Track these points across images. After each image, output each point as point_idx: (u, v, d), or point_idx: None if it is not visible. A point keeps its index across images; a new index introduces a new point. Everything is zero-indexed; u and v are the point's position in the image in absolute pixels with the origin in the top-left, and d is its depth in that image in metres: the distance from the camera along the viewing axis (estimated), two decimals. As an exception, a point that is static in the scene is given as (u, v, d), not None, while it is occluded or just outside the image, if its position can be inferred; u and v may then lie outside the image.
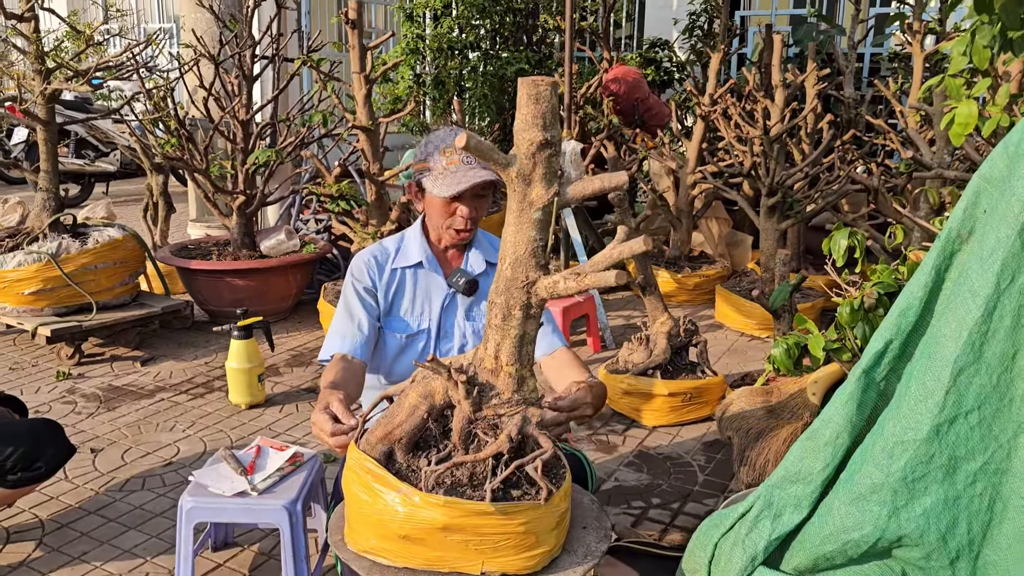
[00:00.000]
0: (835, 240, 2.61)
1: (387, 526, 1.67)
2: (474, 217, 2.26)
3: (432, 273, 2.32)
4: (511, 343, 1.74)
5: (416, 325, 2.32)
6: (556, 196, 1.64)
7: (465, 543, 1.65)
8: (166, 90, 5.01)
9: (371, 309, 2.30)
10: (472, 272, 2.30)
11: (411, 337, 2.33)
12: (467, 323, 2.33)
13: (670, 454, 3.49)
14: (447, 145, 2.21)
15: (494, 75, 7.83)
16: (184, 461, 3.38)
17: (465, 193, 2.20)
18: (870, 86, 7.58)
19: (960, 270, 1.67)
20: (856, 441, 1.79)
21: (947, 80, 2.32)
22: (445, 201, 2.23)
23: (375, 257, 2.35)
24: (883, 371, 1.78)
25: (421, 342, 2.33)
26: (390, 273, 2.33)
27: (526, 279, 1.68)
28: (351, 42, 4.46)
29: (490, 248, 2.39)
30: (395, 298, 2.33)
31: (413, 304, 2.33)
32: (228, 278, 4.91)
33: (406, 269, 2.33)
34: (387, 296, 2.33)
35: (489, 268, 2.34)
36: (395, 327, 2.32)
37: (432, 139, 2.25)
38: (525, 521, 1.66)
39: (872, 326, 2.29)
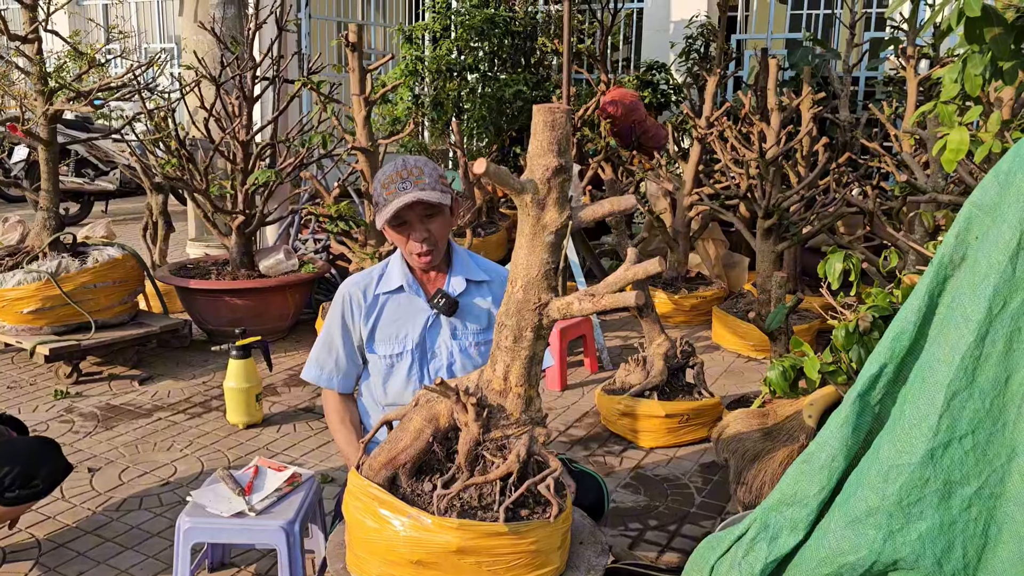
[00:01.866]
0: (830, 263, 2.63)
1: (396, 552, 1.68)
2: (428, 239, 2.27)
3: (414, 296, 2.37)
4: (521, 364, 1.76)
5: (400, 347, 2.37)
6: (569, 220, 1.68)
7: (478, 565, 1.66)
8: (167, 110, 5.05)
9: (349, 342, 2.39)
10: (453, 292, 2.35)
11: (395, 357, 2.37)
12: (453, 342, 2.37)
13: (667, 476, 3.50)
14: (386, 176, 2.25)
15: (492, 97, 7.89)
16: (181, 481, 3.37)
17: (404, 216, 2.23)
18: (865, 109, 7.65)
19: (953, 295, 1.70)
20: (851, 464, 1.81)
21: (939, 107, 2.36)
22: (393, 229, 2.28)
23: (359, 285, 2.41)
24: (878, 394, 1.79)
25: (406, 362, 2.37)
26: (373, 299, 2.39)
27: (538, 301, 1.71)
28: (351, 64, 4.51)
29: (471, 266, 2.41)
30: (377, 322, 2.38)
31: (396, 327, 2.37)
32: (227, 297, 4.93)
33: (389, 294, 2.38)
34: (368, 321, 2.38)
35: (470, 286, 2.37)
36: (378, 350, 2.38)
37: (378, 176, 2.30)
38: (535, 540, 1.69)
39: (867, 349, 2.31)
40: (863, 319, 2.31)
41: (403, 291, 2.37)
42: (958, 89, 2.29)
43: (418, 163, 2.24)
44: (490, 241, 6.24)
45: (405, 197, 2.18)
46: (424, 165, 2.24)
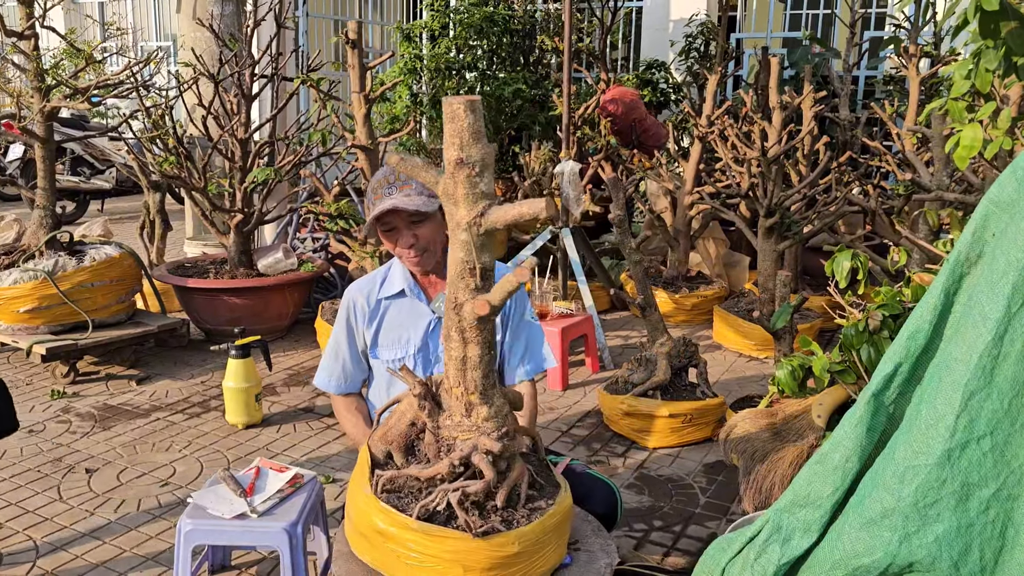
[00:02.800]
0: (838, 261, 2.61)
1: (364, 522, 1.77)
2: (415, 244, 2.25)
3: (415, 300, 2.37)
4: (454, 366, 1.74)
5: (403, 352, 2.37)
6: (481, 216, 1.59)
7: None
8: (165, 108, 5.01)
9: (354, 347, 2.42)
10: None
11: (397, 362, 2.37)
12: None
13: (671, 476, 3.47)
14: (376, 180, 2.25)
15: (491, 95, 7.86)
16: (181, 482, 3.34)
17: (390, 222, 2.22)
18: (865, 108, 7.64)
19: (970, 293, 1.67)
20: (866, 465, 1.78)
21: (949, 103, 2.33)
22: (382, 234, 2.28)
23: (362, 290, 2.41)
24: (892, 394, 1.77)
25: (409, 366, 2.32)
26: (376, 304, 2.39)
27: (454, 301, 1.67)
28: (351, 62, 4.47)
29: None
30: (380, 327, 2.39)
31: (399, 331, 2.38)
32: (225, 296, 4.89)
33: (391, 299, 2.38)
34: (372, 326, 2.39)
35: None
36: (382, 355, 2.39)
37: (372, 178, 2.29)
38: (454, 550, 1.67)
39: (877, 348, 2.29)
40: (872, 318, 2.29)
41: (405, 295, 2.37)
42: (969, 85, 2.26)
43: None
44: (490, 240, 6.21)
45: (385, 203, 2.18)
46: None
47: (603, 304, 5.83)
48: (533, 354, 2.41)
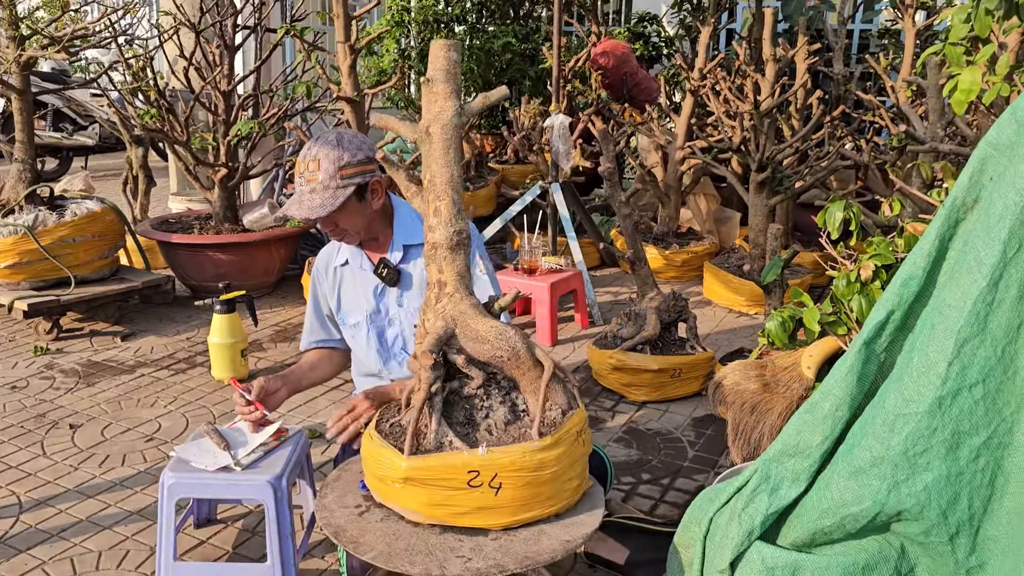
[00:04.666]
0: (830, 212, 2.57)
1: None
2: (335, 230, 2.27)
3: (361, 268, 2.41)
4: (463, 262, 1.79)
5: (358, 317, 2.44)
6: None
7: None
8: (145, 60, 4.89)
9: (319, 310, 2.52)
10: (394, 261, 2.35)
11: (355, 327, 2.45)
12: (399, 309, 2.40)
13: (660, 430, 3.46)
14: (297, 164, 2.23)
15: (480, 49, 7.72)
16: (166, 437, 3.31)
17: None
18: (859, 63, 7.54)
19: (965, 239, 1.63)
20: (856, 414, 1.76)
21: (947, 48, 2.27)
22: None
23: (323, 260, 2.51)
24: (884, 342, 1.74)
25: (363, 331, 2.44)
26: (334, 272, 2.46)
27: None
28: (335, 11, 4.36)
29: (412, 228, 2.36)
30: (340, 293, 2.47)
31: (354, 297, 2.44)
32: (210, 252, 4.82)
33: (342, 267, 2.44)
34: (335, 293, 2.48)
35: (409, 251, 2.36)
36: (343, 319, 2.48)
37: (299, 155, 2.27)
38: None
39: (869, 299, 2.26)
40: (864, 268, 2.25)
41: (348, 264, 2.42)
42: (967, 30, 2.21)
43: (323, 150, 2.17)
44: (479, 195, 6.14)
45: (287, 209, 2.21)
46: (327, 155, 2.16)
47: (593, 260, 5.79)
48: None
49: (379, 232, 2.35)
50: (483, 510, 1.67)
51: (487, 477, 1.65)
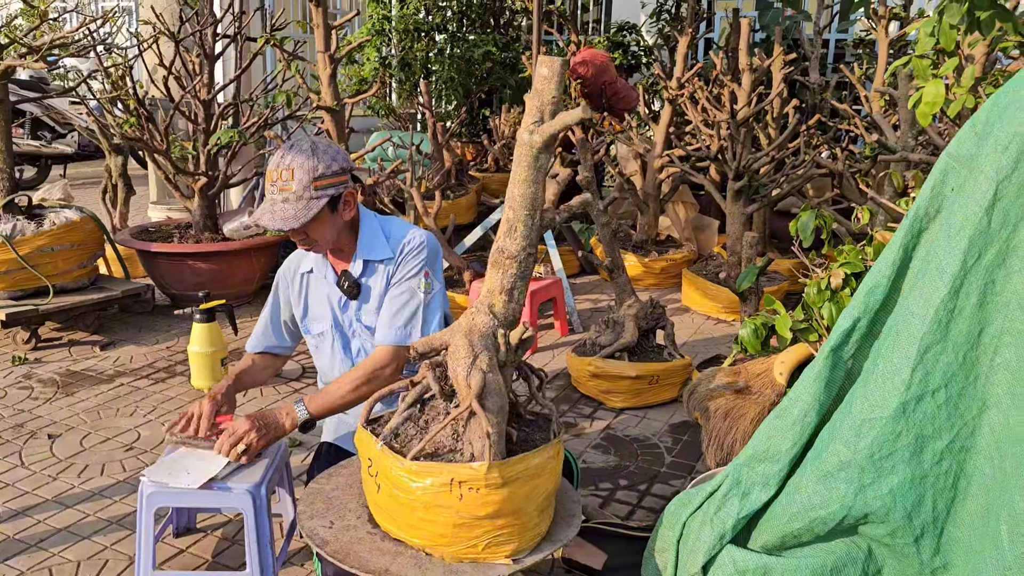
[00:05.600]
0: (802, 221, 2.62)
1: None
2: (304, 239, 2.26)
3: (324, 278, 2.41)
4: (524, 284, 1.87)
5: (322, 327, 2.45)
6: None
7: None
8: (124, 68, 4.88)
9: (277, 315, 2.51)
10: (355, 274, 2.36)
11: (319, 337, 2.46)
12: (357, 323, 2.42)
13: (637, 436, 3.50)
14: (270, 164, 2.22)
15: (460, 58, 7.77)
16: (145, 446, 3.31)
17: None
18: (835, 72, 7.65)
19: (927, 248, 1.68)
20: (824, 419, 1.80)
21: (914, 61, 2.33)
22: None
23: (290, 266, 2.49)
24: (851, 349, 1.78)
25: (328, 341, 2.45)
26: (300, 278, 2.46)
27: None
28: (315, 20, 4.38)
29: (375, 243, 2.36)
30: (306, 301, 2.46)
31: (319, 307, 2.44)
32: (190, 261, 4.82)
33: (307, 274, 2.45)
34: (300, 300, 2.46)
35: (369, 266, 2.36)
36: (308, 328, 2.48)
37: (270, 161, 2.26)
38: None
39: (839, 306, 2.31)
40: (835, 276, 2.30)
41: (313, 272, 2.43)
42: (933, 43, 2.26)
43: (298, 159, 2.16)
44: (459, 204, 6.16)
45: (258, 216, 2.19)
46: (301, 164, 2.15)
47: (572, 268, 5.83)
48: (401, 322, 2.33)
49: (345, 243, 2.35)
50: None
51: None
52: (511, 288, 1.82)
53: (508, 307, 1.82)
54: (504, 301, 1.82)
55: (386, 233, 2.41)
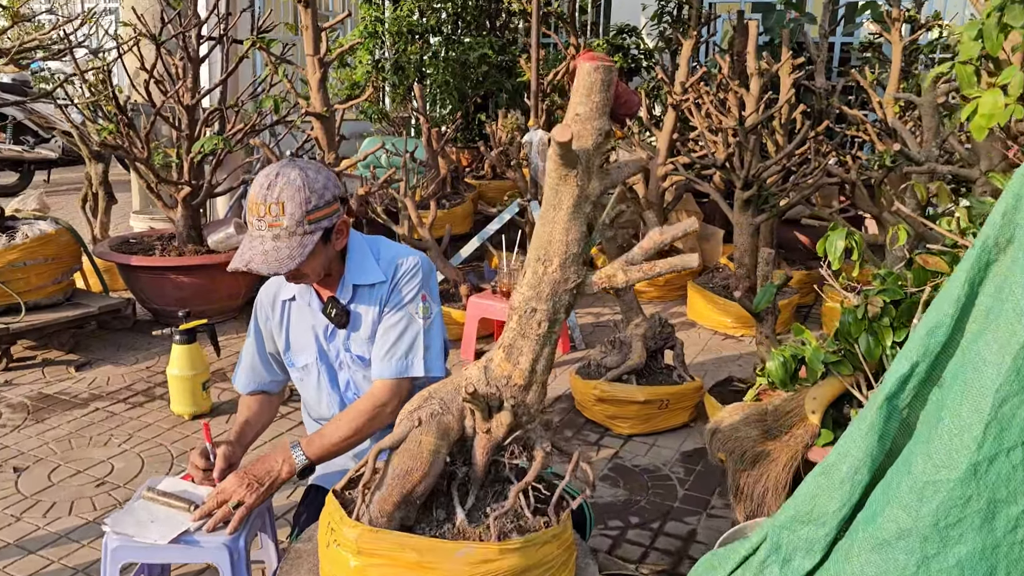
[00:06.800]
0: (831, 240, 2.40)
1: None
2: (295, 275, 2.02)
3: (309, 306, 2.19)
4: (550, 351, 1.65)
5: (307, 359, 2.24)
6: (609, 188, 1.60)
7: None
8: (104, 72, 4.64)
9: (263, 348, 2.28)
10: (343, 301, 2.14)
11: (304, 370, 2.24)
12: (346, 353, 2.21)
13: (647, 466, 3.28)
14: (252, 194, 1.95)
15: (456, 61, 7.55)
16: (118, 480, 3.07)
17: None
18: (840, 75, 7.45)
19: (998, 283, 1.46)
20: (876, 476, 1.58)
21: (957, 68, 2.12)
22: None
23: (268, 292, 2.26)
24: (907, 397, 1.57)
25: (314, 373, 2.25)
26: (281, 307, 2.23)
27: (577, 277, 1.59)
28: (304, 22, 4.16)
29: (366, 266, 2.14)
30: (287, 331, 2.25)
31: (303, 337, 2.23)
32: (172, 275, 4.58)
33: (290, 302, 2.22)
34: (282, 330, 2.25)
35: (360, 291, 2.14)
36: (292, 361, 2.27)
37: (252, 184, 1.99)
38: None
39: (877, 337, 2.09)
40: (872, 304, 2.08)
41: (296, 300, 2.21)
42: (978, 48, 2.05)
43: (287, 191, 1.90)
44: (455, 213, 5.94)
45: (244, 257, 1.93)
46: (292, 197, 1.90)
47: (573, 279, 5.61)
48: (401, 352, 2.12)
49: (332, 268, 2.13)
50: None
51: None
52: (509, 345, 1.61)
53: (505, 367, 1.61)
54: (501, 359, 1.62)
55: (376, 254, 2.20)
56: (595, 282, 1.58)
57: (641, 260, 1.59)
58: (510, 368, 1.63)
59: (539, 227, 1.59)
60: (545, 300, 1.58)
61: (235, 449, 2.19)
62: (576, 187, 1.53)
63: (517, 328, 1.61)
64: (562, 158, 1.50)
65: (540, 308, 1.58)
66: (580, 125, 1.52)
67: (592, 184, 1.55)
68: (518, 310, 1.61)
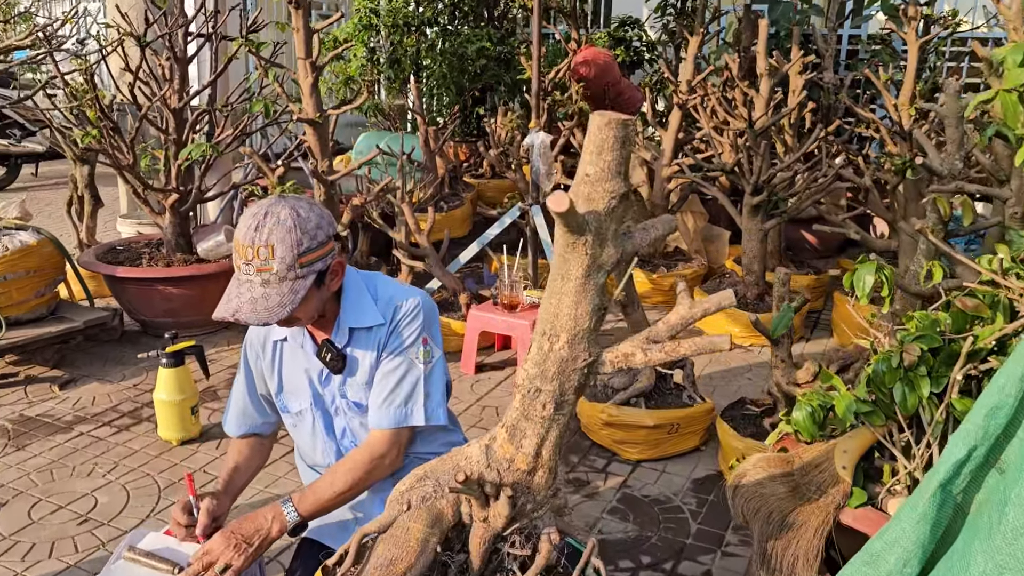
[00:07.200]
0: (859, 275, 2.24)
1: None
2: (287, 320, 1.85)
3: (302, 348, 2.04)
4: (558, 434, 1.49)
5: (300, 404, 2.09)
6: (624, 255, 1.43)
7: None
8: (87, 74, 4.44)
9: (254, 390, 2.15)
10: (339, 345, 2.00)
11: (298, 416, 2.11)
12: (342, 400, 2.06)
13: (658, 497, 3.13)
14: (238, 234, 1.78)
15: (453, 53, 7.34)
16: (102, 517, 2.92)
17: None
18: (847, 69, 7.26)
19: (1069, 362, 1.31)
20: (926, 568, 1.44)
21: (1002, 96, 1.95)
22: None
23: (258, 331, 2.10)
24: (963, 482, 1.42)
25: (308, 420, 2.10)
26: (272, 347, 2.08)
27: (588, 356, 1.43)
28: (295, 23, 3.97)
29: (363, 307, 1.98)
30: (279, 373, 2.10)
31: (295, 379, 2.09)
32: (160, 286, 4.41)
33: (281, 342, 2.07)
34: (273, 371, 2.10)
35: (356, 334, 1.99)
36: (290, 406, 2.12)
37: (238, 224, 1.81)
38: None
39: (913, 387, 1.93)
40: (908, 352, 1.93)
41: (288, 341, 2.05)
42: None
43: (277, 232, 1.74)
44: (454, 216, 5.77)
45: (231, 305, 1.77)
46: (282, 239, 1.74)
47: (575, 284, 5.45)
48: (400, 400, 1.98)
49: (327, 309, 1.97)
50: None
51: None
52: (513, 426, 1.46)
53: (507, 449, 1.47)
54: (504, 440, 1.47)
55: (373, 293, 2.04)
56: (609, 362, 1.43)
57: (666, 337, 1.43)
58: (513, 451, 1.48)
59: (546, 298, 1.44)
60: (551, 380, 1.43)
61: (222, 500, 2.05)
62: (586, 255, 1.36)
63: (521, 408, 1.46)
64: (566, 225, 1.34)
65: (545, 388, 1.43)
66: (590, 187, 1.35)
67: (606, 251, 1.38)
68: (522, 388, 1.46)
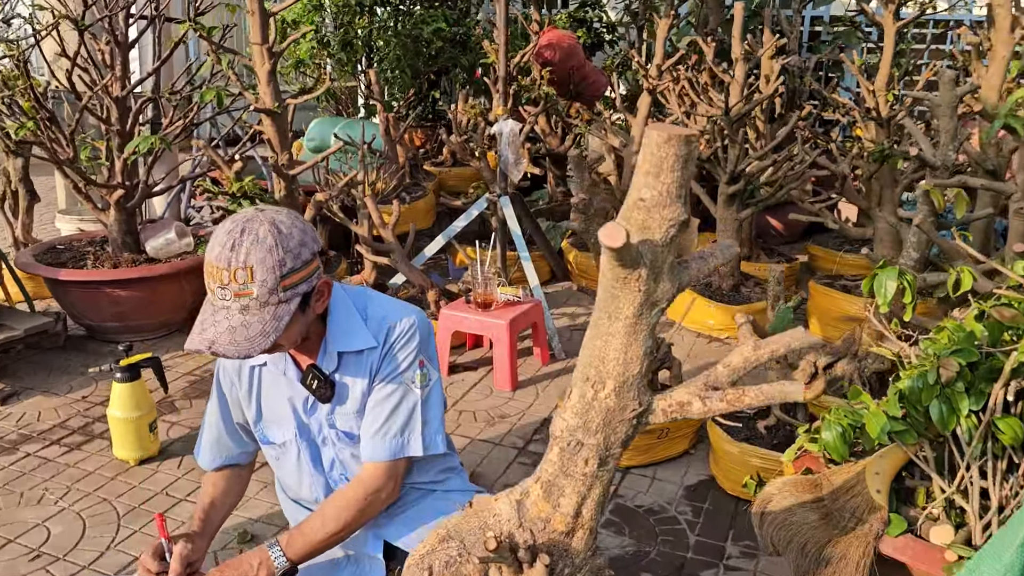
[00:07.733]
0: (880, 280, 2.11)
1: None
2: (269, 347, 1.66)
3: (284, 375, 1.86)
4: (601, 492, 1.36)
5: (284, 435, 1.91)
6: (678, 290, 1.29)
7: None
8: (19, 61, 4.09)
9: (229, 419, 1.97)
10: (326, 371, 1.82)
11: (281, 448, 1.94)
12: (330, 430, 1.89)
13: (652, 506, 3.00)
14: (212, 255, 1.57)
15: (407, 35, 7.07)
16: (56, 551, 2.67)
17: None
18: (810, 52, 7.20)
19: None
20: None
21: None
22: None
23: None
24: (1049, 530, 1.29)
25: (293, 451, 1.92)
26: (249, 374, 1.89)
27: (638, 406, 1.29)
28: (249, 7, 3.69)
29: (352, 330, 1.81)
30: (258, 401, 1.91)
31: (274, 410, 1.90)
32: (108, 289, 4.11)
33: (260, 367, 1.88)
34: (251, 399, 1.91)
35: (345, 359, 1.82)
36: (265, 436, 1.94)
37: (212, 236, 1.61)
38: None
39: (950, 404, 1.82)
40: (945, 367, 1.80)
41: (267, 367, 1.86)
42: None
43: (256, 252, 1.55)
44: (417, 208, 5.53)
45: (207, 336, 1.57)
46: (263, 260, 1.55)
47: (544, 275, 5.31)
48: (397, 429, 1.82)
49: (312, 331, 1.78)
50: None
51: None
52: (549, 482, 1.29)
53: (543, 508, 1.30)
54: (538, 496, 1.30)
55: (362, 313, 1.84)
56: (662, 411, 1.26)
57: (727, 383, 1.26)
58: (549, 510, 1.32)
59: (589, 339, 1.27)
60: (595, 432, 1.27)
61: (197, 543, 1.84)
62: (639, 292, 1.20)
63: (559, 463, 1.30)
64: (618, 260, 1.17)
65: (588, 442, 1.27)
66: (646, 214, 1.18)
67: (661, 287, 1.22)
68: (560, 440, 1.29)
